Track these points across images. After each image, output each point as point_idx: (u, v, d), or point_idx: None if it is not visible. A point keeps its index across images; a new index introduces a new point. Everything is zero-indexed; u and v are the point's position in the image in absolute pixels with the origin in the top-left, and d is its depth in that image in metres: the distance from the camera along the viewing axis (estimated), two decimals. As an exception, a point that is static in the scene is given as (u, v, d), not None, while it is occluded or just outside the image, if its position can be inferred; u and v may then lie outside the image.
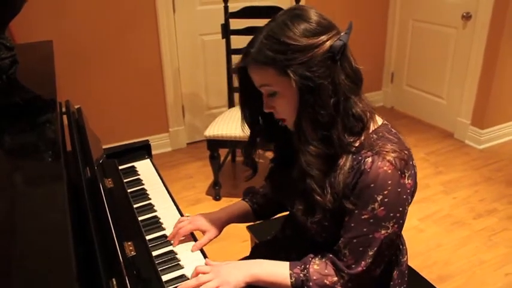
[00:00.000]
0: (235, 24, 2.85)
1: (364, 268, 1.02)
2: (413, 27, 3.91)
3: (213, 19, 3.17)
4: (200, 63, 3.47)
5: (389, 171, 0.96)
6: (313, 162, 1.01)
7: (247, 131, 1.19)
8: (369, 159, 0.98)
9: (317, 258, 1.08)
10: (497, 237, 2.50)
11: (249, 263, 1.15)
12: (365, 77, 1.06)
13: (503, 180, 3.06)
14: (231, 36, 2.89)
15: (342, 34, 0.99)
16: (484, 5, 3.21)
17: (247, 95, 1.13)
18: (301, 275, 1.06)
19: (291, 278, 1.07)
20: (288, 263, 1.10)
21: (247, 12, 2.81)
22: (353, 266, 1.03)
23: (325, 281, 1.04)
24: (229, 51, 2.93)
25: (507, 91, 3.42)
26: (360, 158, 1.00)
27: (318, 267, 1.06)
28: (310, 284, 1.05)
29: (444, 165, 3.27)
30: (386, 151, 0.98)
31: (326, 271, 1.05)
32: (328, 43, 0.96)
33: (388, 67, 4.26)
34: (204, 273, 1.09)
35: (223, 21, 2.88)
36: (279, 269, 1.09)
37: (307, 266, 1.07)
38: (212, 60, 3.45)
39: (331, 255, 1.07)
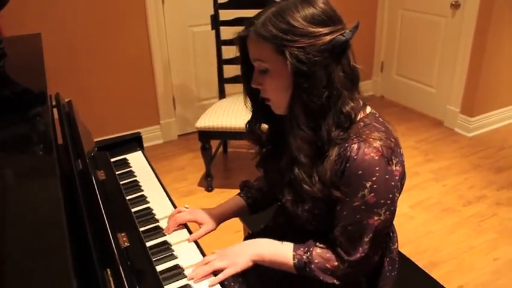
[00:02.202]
0: (225, 15, 2.84)
1: (363, 254, 1.04)
2: (402, 16, 3.92)
3: (203, 10, 3.15)
4: (190, 54, 3.46)
5: (376, 157, 0.98)
6: (303, 147, 1.03)
7: (249, 106, 1.19)
8: (355, 146, 0.99)
9: (320, 243, 1.11)
10: (486, 223, 2.54)
11: (253, 242, 1.18)
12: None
13: (491, 167, 3.10)
14: (221, 27, 2.88)
15: (346, 31, 1.00)
16: (472, -6, 3.23)
17: (246, 67, 1.12)
18: (304, 257, 1.09)
19: (293, 259, 1.09)
20: (291, 244, 1.12)
21: (237, 3, 2.80)
22: (352, 252, 1.05)
23: (327, 265, 1.07)
24: (219, 42, 2.92)
25: (496, 79, 3.45)
26: (346, 145, 1.01)
27: (320, 251, 1.09)
28: (312, 266, 1.07)
29: (434, 153, 3.31)
30: (373, 138, 0.99)
31: (328, 255, 1.08)
32: (331, 36, 0.98)
33: (378, 56, 4.27)
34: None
35: (212, 12, 2.86)
36: (282, 249, 1.12)
37: (311, 249, 1.09)
38: (202, 51, 3.44)
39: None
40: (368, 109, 1.09)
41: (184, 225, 1.29)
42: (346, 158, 1.00)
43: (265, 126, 1.24)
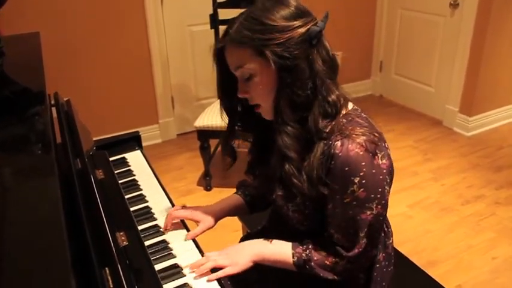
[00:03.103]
0: (224, 14, 2.83)
1: (361, 249, 1.05)
2: (401, 15, 3.92)
3: (202, 9, 3.14)
4: (189, 54, 3.46)
5: (361, 152, 0.98)
6: (290, 144, 1.03)
7: (226, 119, 1.19)
8: (338, 143, 0.99)
9: (318, 241, 1.11)
10: (485, 223, 2.54)
11: (253, 242, 1.19)
12: (354, 66, 1.08)
13: (490, 166, 3.10)
14: (220, 27, 2.88)
15: (318, 22, 1.02)
16: (471, -7, 3.23)
17: (225, 80, 1.13)
18: (304, 254, 1.10)
19: (293, 257, 1.10)
20: (290, 243, 1.13)
21: (236, 1, 2.80)
22: (350, 248, 1.06)
23: (326, 261, 1.08)
24: (218, 42, 2.91)
25: (494, 78, 3.45)
26: (330, 142, 1.01)
27: (319, 247, 1.10)
28: (312, 263, 1.08)
29: (433, 153, 3.31)
30: (356, 134, 1.00)
31: (327, 252, 1.09)
32: (305, 27, 0.99)
33: (377, 56, 4.27)
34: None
35: (211, 11, 2.86)
36: (282, 248, 1.13)
37: (310, 247, 1.10)
38: (201, 50, 3.44)
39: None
40: (350, 105, 1.10)
41: (183, 225, 1.29)
42: (330, 155, 1.00)
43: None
